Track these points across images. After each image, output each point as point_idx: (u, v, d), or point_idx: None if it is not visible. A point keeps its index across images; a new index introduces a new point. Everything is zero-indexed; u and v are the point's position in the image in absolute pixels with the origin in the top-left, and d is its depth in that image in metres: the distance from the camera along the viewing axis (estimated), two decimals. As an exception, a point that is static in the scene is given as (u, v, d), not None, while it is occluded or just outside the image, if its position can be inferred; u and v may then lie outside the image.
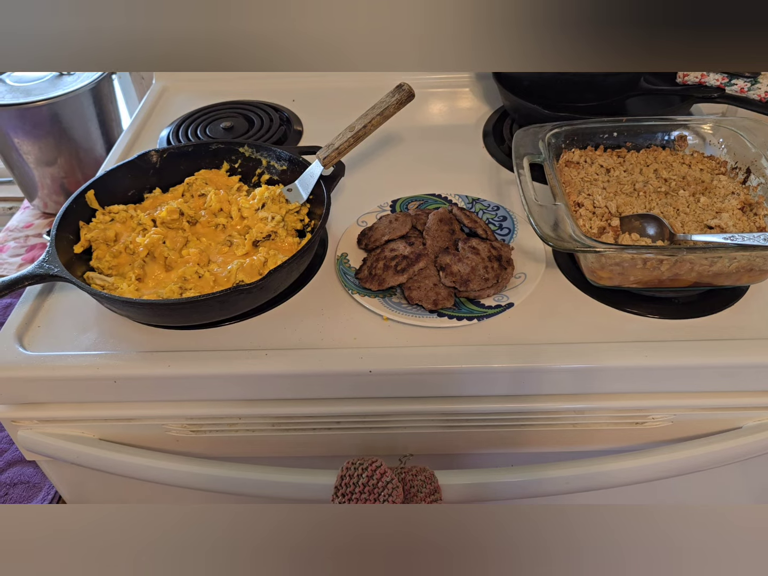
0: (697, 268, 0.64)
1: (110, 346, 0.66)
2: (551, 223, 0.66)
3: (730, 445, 0.67)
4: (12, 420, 0.68)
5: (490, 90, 1.08)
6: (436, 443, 0.69)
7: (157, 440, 0.69)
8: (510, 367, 0.63)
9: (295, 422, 0.67)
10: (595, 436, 0.69)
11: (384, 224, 0.75)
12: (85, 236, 0.73)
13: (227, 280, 0.68)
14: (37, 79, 1.22)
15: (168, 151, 0.82)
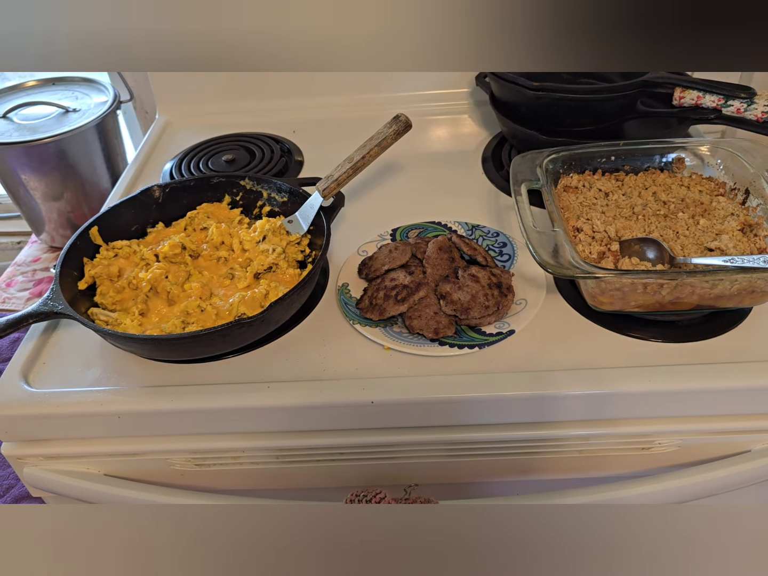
0: (699, 291, 0.64)
1: (114, 382, 0.67)
2: (550, 249, 0.66)
3: (739, 469, 0.66)
4: (18, 457, 0.68)
5: (488, 116, 1.10)
6: (441, 473, 0.69)
7: (161, 475, 0.69)
8: (513, 395, 0.63)
9: (298, 454, 0.67)
10: (601, 463, 0.68)
11: (384, 254, 0.76)
12: (89, 272, 0.74)
13: (229, 314, 0.69)
14: (44, 117, 1.24)
15: (170, 186, 0.83)
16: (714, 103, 0.86)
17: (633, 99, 0.90)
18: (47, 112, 1.25)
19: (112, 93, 1.30)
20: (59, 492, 0.70)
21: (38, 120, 1.24)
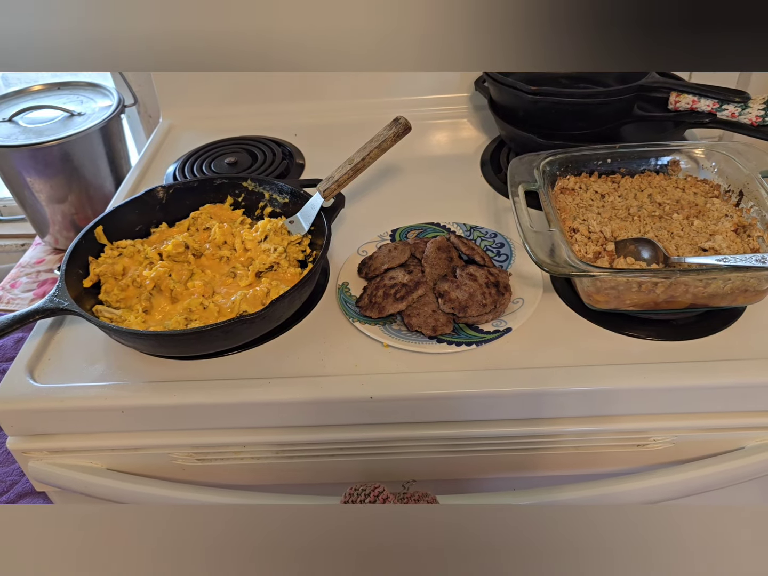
0: (692, 290, 0.65)
1: (118, 377, 0.68)
2: (547, 249, 0.67)
3: (733, 466, 0.67)
4: (23, 451, 0.69)
5: (486, 120, 1.11)
6: (439, 468, 0.70)
7: (163, 469, 0.70)
8: (510, 392, 0.64)
9: (298, 449, 0.68)
10: (597, 460, 0.69)
11: (383, 253, 0.77)
12: (94, 271, 0.75)
13: (231, 311, 0.70)
14: (49, 120, 1.26)
15: (174, 187, 0.85)
16: (709, 108, 0.88)
17: (629, 103, 0.92)
18: (52, 116, 1.27)
19: (117, 97, 1.32)
20: (63, 486, 0.71)
21: (44, 123, 1.25)
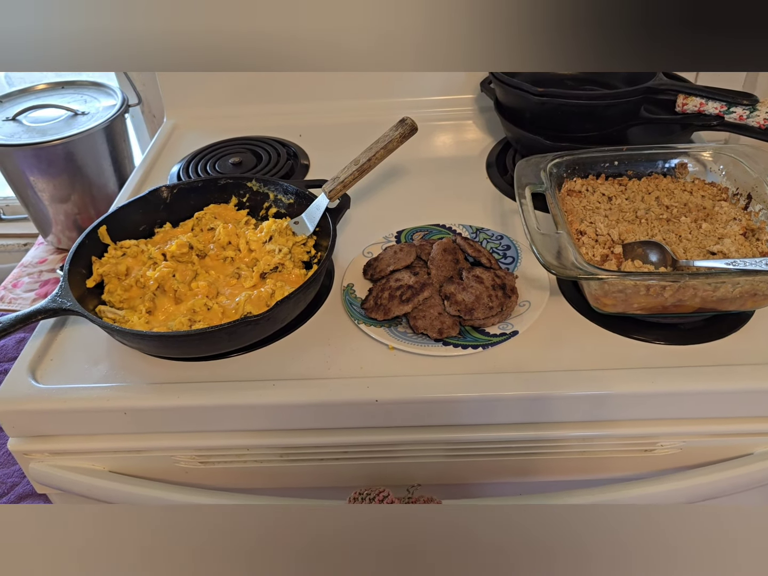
0: (701, 294, 0.65)
1: (121, 379, 0.67)
2: (554, 251, 0.66)
3: (741, 472, 0.66)
4: (24, 453, 0.69)
5: (492, 122, 1.11)
6: (444, 473, 0.69)
7: (166, 472, 0.70)
8: (516, 395, 0.64)
9: (302, 452, 0.68)
10: (603, 465, 0.69)
11: (389, 255, 0.76)
12: (98, 271, 0.75)
13: (235, 312, 0.70)
14: (53, 120, 1.26)
15: (178, 187, 0.84)
16: (717, 110, 0.87)
17: (636, 105, 0.91)
18: (56, 115, 1.27)
19: (121, 97, 1.31)
20: (64, 488, 0.70)
21: (47, 123, 1.25)
